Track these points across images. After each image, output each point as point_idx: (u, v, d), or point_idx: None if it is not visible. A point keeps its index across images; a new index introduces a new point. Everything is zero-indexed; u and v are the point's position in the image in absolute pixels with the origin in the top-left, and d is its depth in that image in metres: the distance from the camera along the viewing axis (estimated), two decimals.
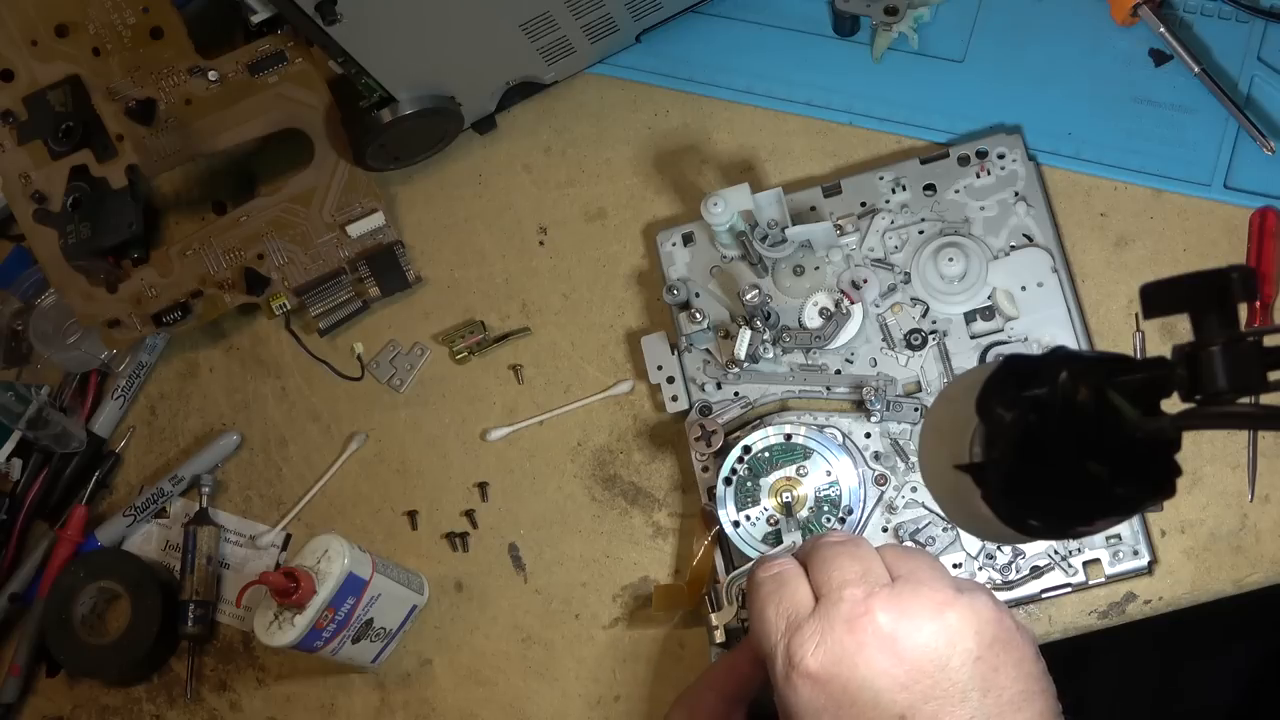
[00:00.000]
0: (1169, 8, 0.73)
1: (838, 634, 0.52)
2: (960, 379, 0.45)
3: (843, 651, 0.51)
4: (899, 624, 0.51)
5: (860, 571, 0.54)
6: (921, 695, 0.50)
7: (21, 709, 0.79)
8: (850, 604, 0.52)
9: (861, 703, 0.51)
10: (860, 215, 0.73)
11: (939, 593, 0.53)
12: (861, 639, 0.51)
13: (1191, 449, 0.67)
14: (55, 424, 0.78)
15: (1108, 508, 0.40)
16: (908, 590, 0.53)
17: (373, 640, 0.72)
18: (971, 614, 0.52)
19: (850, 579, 0.54)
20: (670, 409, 0.73)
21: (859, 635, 0.51)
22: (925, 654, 0.51)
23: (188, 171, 0.84)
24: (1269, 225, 0.68)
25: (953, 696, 0.50)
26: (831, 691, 0.51)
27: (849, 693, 0.51)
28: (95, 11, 0.76)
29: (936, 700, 0.50)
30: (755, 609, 0.56)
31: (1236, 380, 0.37)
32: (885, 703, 0.50)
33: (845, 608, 0.52)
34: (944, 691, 0.50)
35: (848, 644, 0.51)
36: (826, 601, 0.53)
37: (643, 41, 0.79)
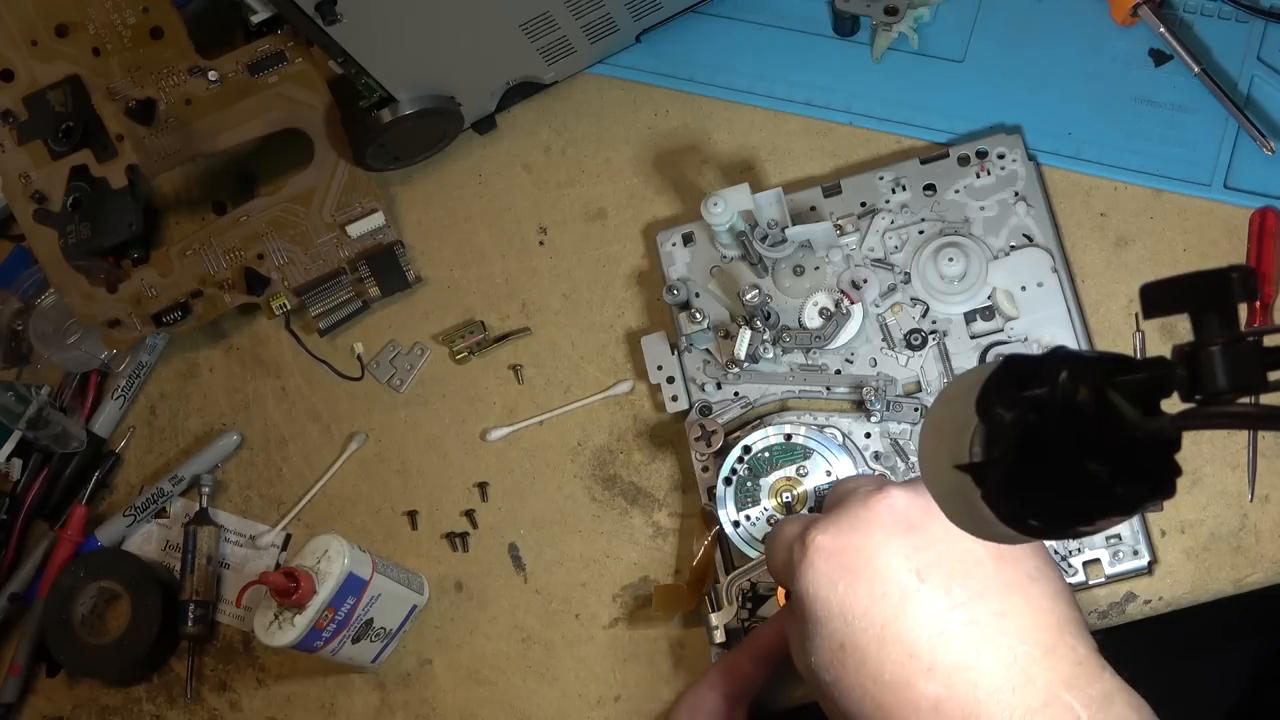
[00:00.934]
0: (1169, 8, 0.73)
1: (853, 510, 0.53)
2: (960, 379, 0.45)
3: (856, 521, 0.53)
4: (912, 501, 0.53)
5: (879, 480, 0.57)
6: (934, 558, 0.51)
7: (21, 709, 0.79)
8: (864, 492, 0.54)
9: (878, 563, 0.51)
10: (860, 215, 0.73)
11: None
12: (876, 511, 0.53)
13: (1191, 449, 0.67)
14: (55, 424, 0.78)
15: (1108, 508, 0.40)
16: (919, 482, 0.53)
17: (373, 640, 0.72)
18: None
19: (863, 482, 0.57)
20: (670, 409, 0.73)
21: (873, 509, 0.53)
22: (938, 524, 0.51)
23: (188, 171, 0.84)
24: (1269, 225, 0.68)
25: (966, 562, 0.51)
26: (846, 558, 0.52)
27: (863, 555, 0.52)
28: (95, 11, 0.76)
29: (951, 560, 0.51)
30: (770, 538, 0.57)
31: (1236, 380, 0.36)
32: (899, 563, 0.51)
33: (860, 494, 0.54)
34: (957, 556, 0.51)
35: (862, 515, 0.53)
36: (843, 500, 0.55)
37: (643, 41, 0.79)
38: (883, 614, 0.51)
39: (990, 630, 0.50)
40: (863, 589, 0.51)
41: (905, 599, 0.51)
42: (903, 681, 0.50)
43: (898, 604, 0.51)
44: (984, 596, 0.50)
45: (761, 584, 0.68)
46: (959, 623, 0.50)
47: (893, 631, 0.50)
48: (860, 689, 0.51)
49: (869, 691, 0.51)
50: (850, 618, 0.51)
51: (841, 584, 0.52)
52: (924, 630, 0.50)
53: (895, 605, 0.51)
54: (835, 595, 0.52)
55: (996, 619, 0.50)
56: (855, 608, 0.51)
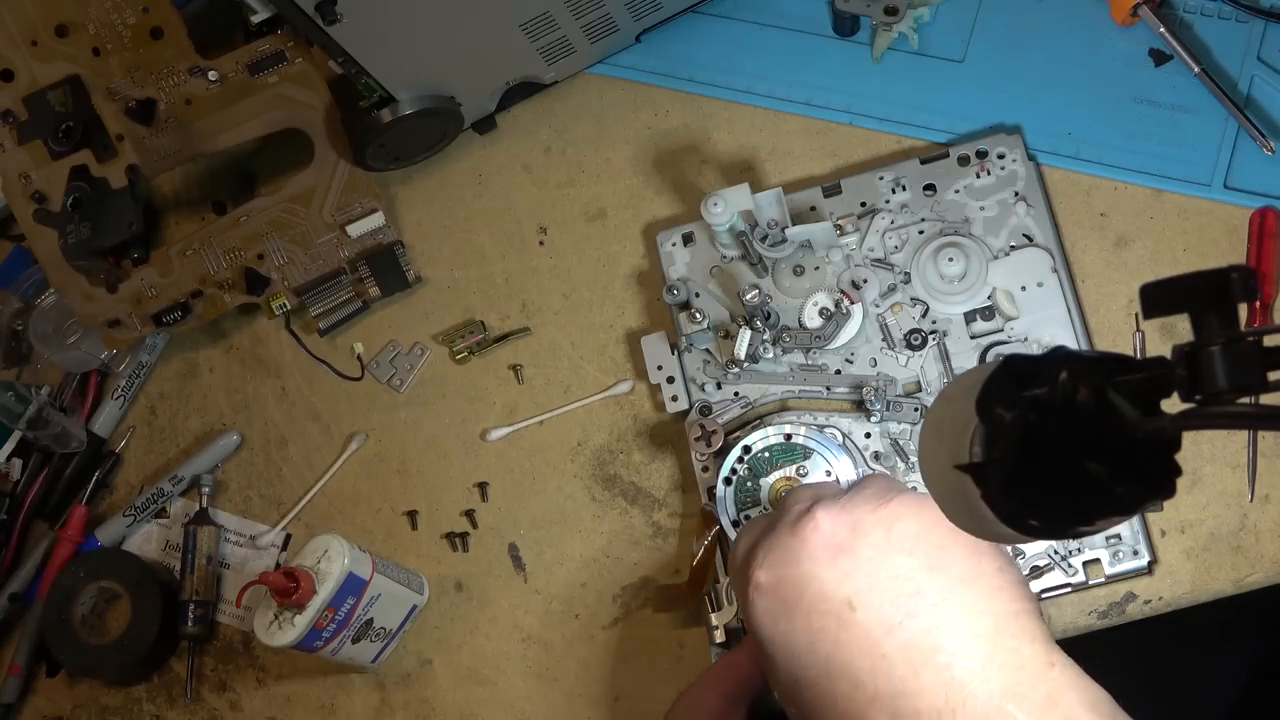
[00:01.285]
0: (1169, 8, 0.73)
1: (782, 540, 0.53)
2: (960, 379, 0.45)
3: (787, 553, 0.52)
4: (838, 519, 0.52)
5: (811, 492, 0.56)
6: (866, 580, 0.51)
7: (21, 709, 0.79)
8: (794, 513, 0.54)
9: (810, 595, 0.51)
10: (860, 215, 0.73)
11: (883, 490, 0.54)
12: (804, 537, 0.52)
13: (1191, 449, 0.67)
14: (55, 424, 0.78)
15: (1108, 508, 0.40)
16: (851, 494, 0.54)
17: (373, 640, 0.72)
18: (914, 501, 0.52)
19: (801, 498, 0.56)
20: (670, 409, 0.73)
21: (801, 535, 0.52)
22: (866, 541, 0.51)
23: (188, 171, 0.84)
24: (1269, 225, 0.68)
25: (897, 576, 0.51)
26: (781, 594, 0.52)
27: (797, 588, 0.52)
28: (95, 11, 0.76)
29: (881, 581, 0.51)
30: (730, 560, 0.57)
31: (1236, 380, 0.37)
32: (831, 592, 0.51)
33: (790, 517, 0.54)
34: (888, 573, 0.51)
35: (792, 545, 0.53)
36: (778, 521, 0.55)
37: (643, 41, 0.79)
38: (824, 647, 0.51)
39: (926, 649, 0.50)
40: (800, 624, 0.51)
41: (841, 629, 0.51)
42: (852, 712, 0.50)
43: (835, 635, 0.51)
44: (916, 614, 0.50)
45: None
46: (895, 646, 0.50)
47: (836, 664, 0.50)
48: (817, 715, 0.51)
49: None
50: (796, 654, 0.52)
51: (782, 621, 0.52)
52: (864, 659, 0.50)
53: (833, 637, 0.51)
54: (779, 633, 0.52)
55: (930, 635, 0.50)
56: (799, 644, 0.52)
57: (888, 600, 0.50)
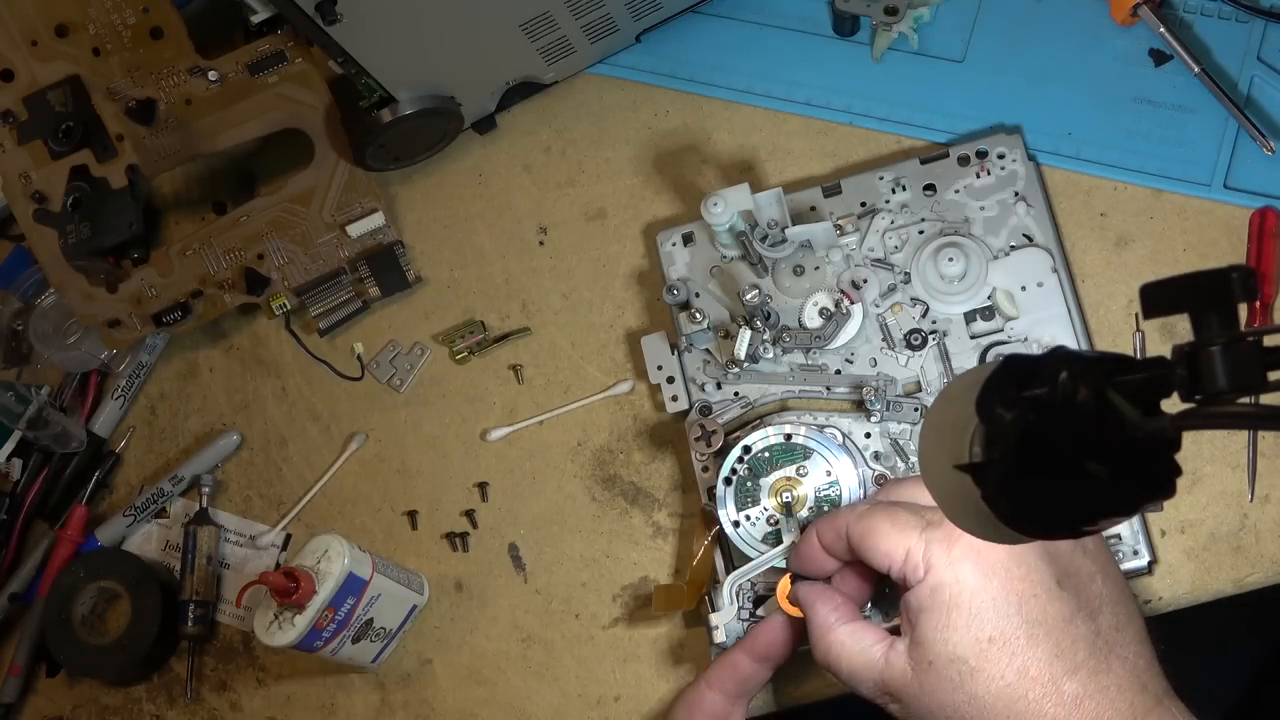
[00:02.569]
0: (1169, 8, 0.73)
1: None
2: (960, 379, 0.45)
3: None
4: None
5: None
6: (1064, 568, 0.56)
7: (21, 709, 0.79)
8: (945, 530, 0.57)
9: (1023, 566, 0.55)
10: (860, 215, 0.73)
11: None
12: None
13: (1191, 449, 0.67)
14: (55, 424, 0.78)
15: (1108, 508, 0.40)
16: None
17: (373, 640, 0.72)
18: None
19: None
20: (670, 409, 0.73)
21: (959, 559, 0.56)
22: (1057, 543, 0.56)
23: (188, 171, 0.84)
24: (1269, 225, 0.68)
25: (1088, 571, 0.56)
26: (991, 558, 0.55)
27: (1007, 557, 0.55)
28: (95, 11, 0.76)
29: (1078, 573, 0.56)
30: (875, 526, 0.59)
31: (1236, 380, 0.36)
32: (1043, 568, 0.55)
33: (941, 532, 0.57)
34: (1080, 566, 0.56)
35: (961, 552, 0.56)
36: None
37: (643, 41, 0.79)
38: (1031, 612, 0.54)
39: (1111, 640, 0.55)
40: (1014, 587, 0.55)
41: (1050, 600, 0.54)
42: (1047, 678, 0.53)
43: (1045, 604, 0.54)
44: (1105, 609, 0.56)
45: (761, 584, 0.68)
46: (1094, 630, 0.55)
47: (1041, 631, 0.54)
48: (1002, 680, 0.54)
49: (1011, 684, 0.54)
50: (1005, 611, 0.54)
51: (995, 580, 0.55)
52: (1066, 632, 0.54)
53: (1043, 605, 0.54)
54: (989, 589, 0.55)
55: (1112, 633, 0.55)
56: (1009, 603, 0.54)
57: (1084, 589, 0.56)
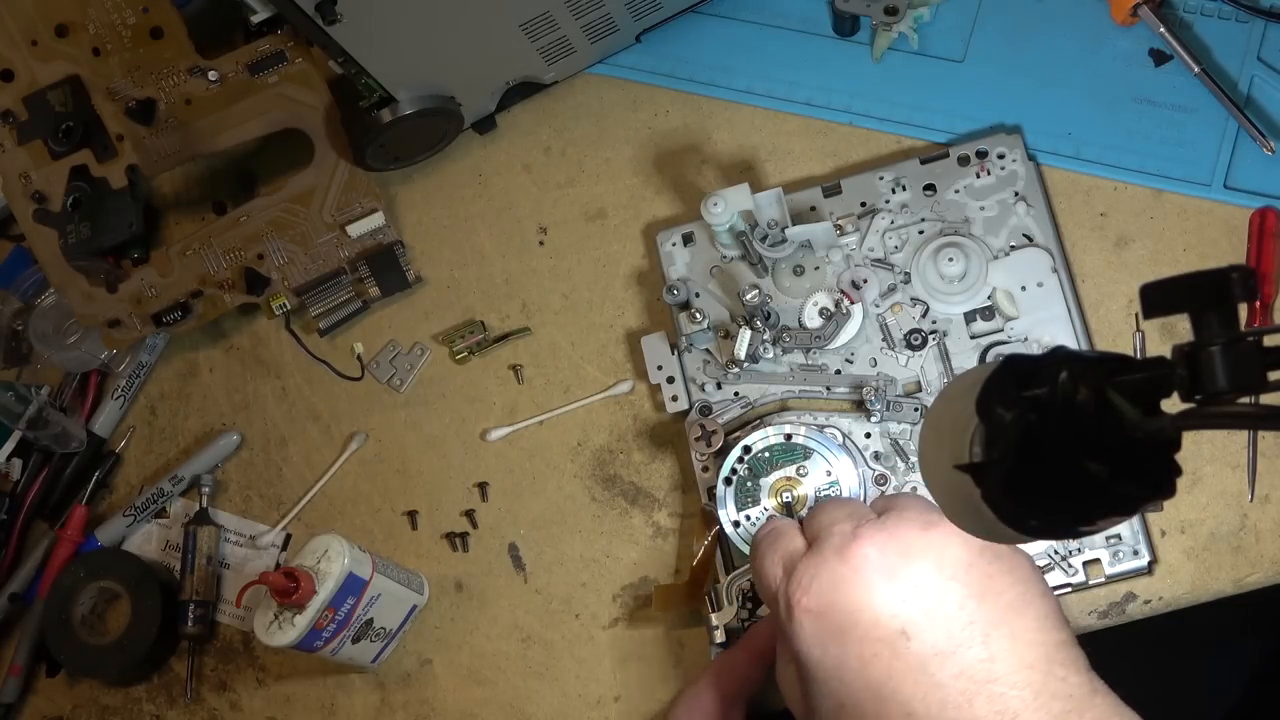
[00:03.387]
0: (1169, 8, 0.73)
1: (830, 565, 0.53)
2: (960, 379, 0.45)
3: (837, 579, 0.52)
4: (888, 545, 0.52)
5: (848, 513, 0.56)
6: (920, 608, 0.51)
7: (21, 709, 0.79)
8: (840, 537, 0.54)
9: (863, 624, 0.51)
10: (860, 215, 0.73)
11: (924, 514, 0.54)
12: (854, 564, 0.52)
13: (1191, 449, 0.67)
14: (55, 424, 0.78)
15: (1108, 508, 0.40)
16: (892, 517, 0.54)
17: (373, 640, 0.72)
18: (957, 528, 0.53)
19: (838, 519, 0.56)
20: (670, 409, 0.73)
21: (851, 562, 0.52)
22: (917, 568, 0.52)
23: (188, 171, 0.84)
24: (1269, 225, 0.68)
25: (949, 606, 0.51)
26: (832, 620, 0.52)
27: (849, 616, 0.52)
28: (95, 11, 0.76)
29: (934, 610, 0.51)
30: (755, 563, 0.57)
31: (1236, 380, 0.37)
32: (885, 620, 0.51)
33: (835, 540, 0.54)
34: (939, 600, 0.51)
35: (842, 572, 0.52)
36: (818, 541, 0.55)
37: (643, 41, 0.79)
38: (876, 674, 0.51)
39: (979, 678, 0.50)
40: (853, 650, 0.52)
41: (895, 657, 0.51)
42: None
43: (888, 663, 0.51)
44: (969, 644, 0.51)
45: None
46: (949, 675, 0.50)
47: (888, 690, 0.51)
48: None
49: None
50: (846, 679, 0.52)
51: (832, 647, 0.52)
52: (917, 687, 0.50)
53: (886, 664, 0.51)
54: (828, 657, 0.52)
55: (984, 666, 0.50)
56: (849, 669, 0.52)
57: (941, 629, 0.51)
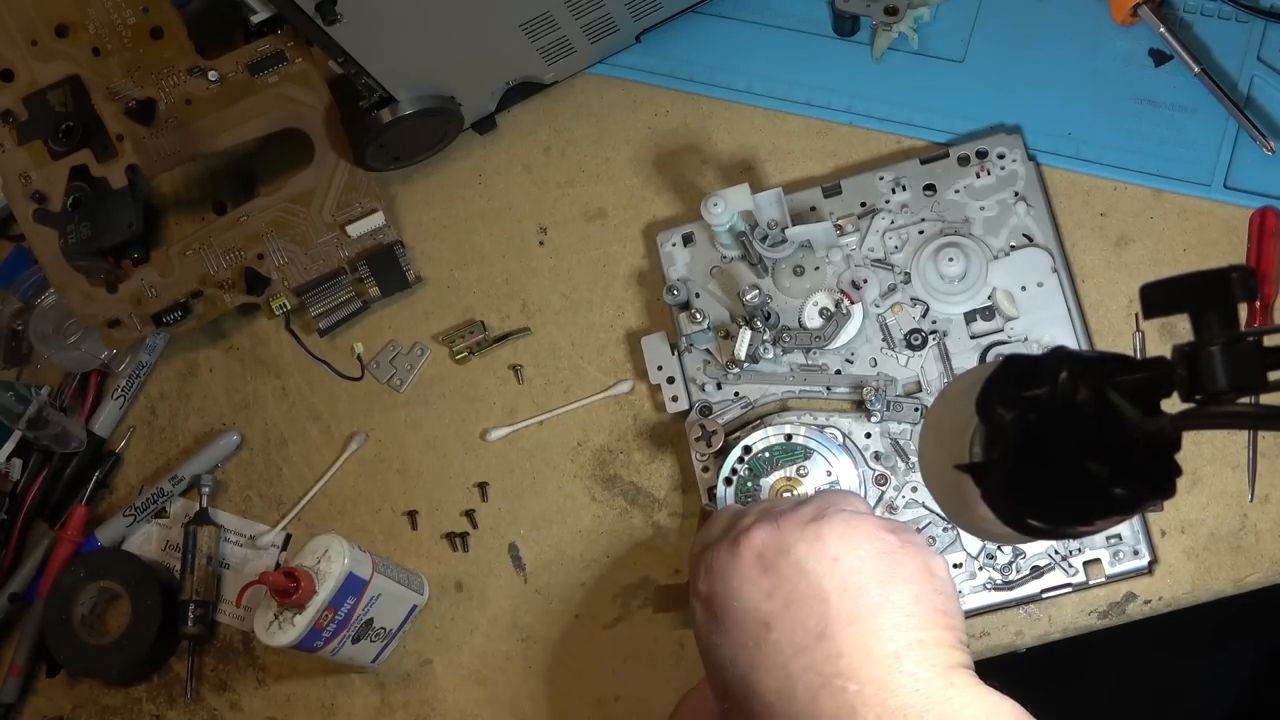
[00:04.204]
0: (1169, 8, 0.73)
1: (721, 557, 0.54)
2: (960, 379, 0.45)
3: (722, 570, 0.54)
4: (769, 540, 0.53)
5: (764, 508, 0.56)
6: (783, 601, 0.52)
7: (21, 709, 0.79)
8: (737, 531, 0.55)
9: (735, 614, 0.53)
10: (860, 215, 0.73)
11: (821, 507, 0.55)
12: (737, 556, 0.53)
13: (1191, 449, 0.67)
14: (55, 424, 0.78)
15: (1108, 508, 0.40)
16: (789, 513, 0.55)
17: (373, 640, 0.72)
18: (842, 524, 0.53)
19: (750, 512, 0.56)
20: (670, 409, 0.73)
21: (737, 554, 0.54)
22: (788, 562, 0.52)
23: (188, 171, 0.84)
24: (1269, 225, 0.68)
25: (810, 598, 0.51)
26: (714, 608, 0.53)
27: (725, 606, 0.53)
28: (95, 11, 0.76)
29: (796, 604, 0.52)
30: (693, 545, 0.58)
31: (1236, 380, 0.37)
32: (751, 611, 0.52)
33: (734, 532, 0.55)
34: (802, 594, 0.52)
35: (726, 563, 0.54)
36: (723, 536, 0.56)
37: (643, 41, 0.79)
38: (743, 664, 0.52)
39: (827, 673, 0.50)
40: (728, 639, 0.53)
41: (758, 648, 0.52)
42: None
43: (752, 654, 0.52)
44: (823, 637, 0.51)
45: None
46: (800, 668, 0.51)
47: (752, 681, 0.52)
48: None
49: None
50: (724, 663, 0.53)
51: (715, 634, 0.53)
52: (773, 679, 0.51)
53: (750, 655, 0.52)
54: (711, 644, 0.54)
55: (832, 660, 0.50)
56: (724, 657, 0.53)
57: (799, 621, 0.51)
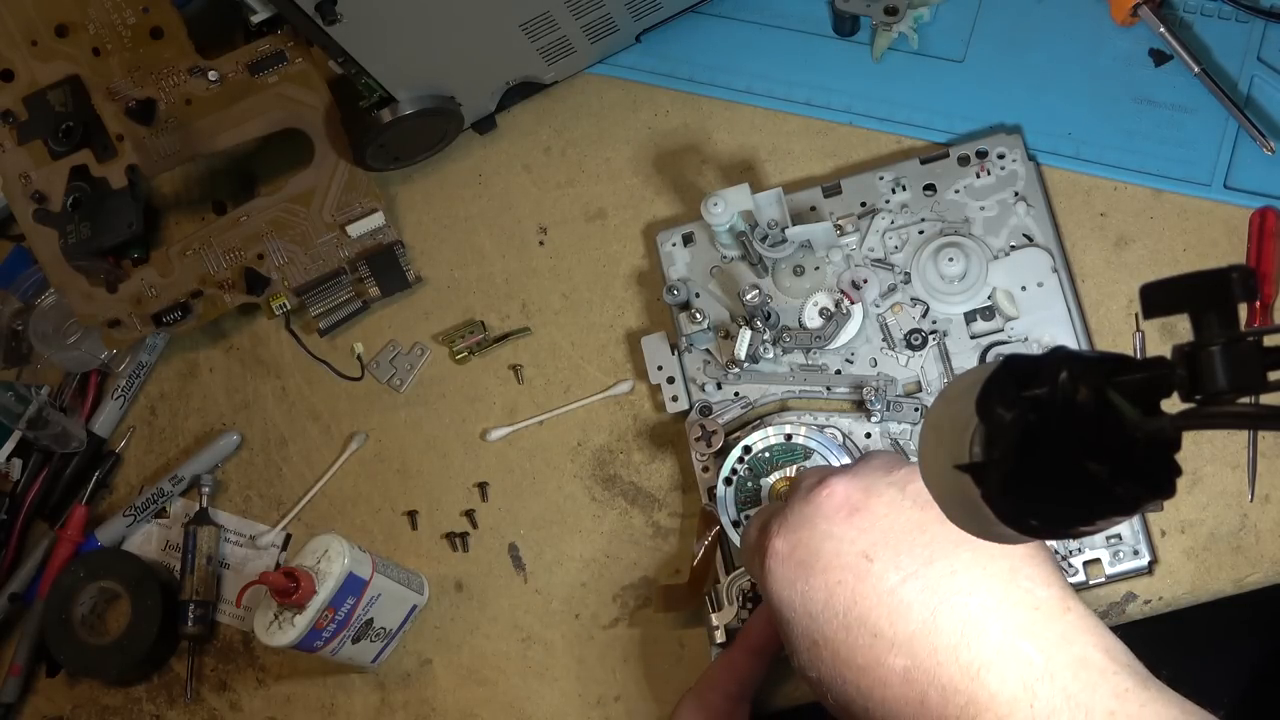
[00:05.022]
0: (1169, 8, 0.73)
1: (797, 509, 0.54)
2: (960, 379, 0.45)
3: (802, 519, 0.54)
4: (851, 484, 0.54)
5: (820, 471, 0.57)
6: (880, 536, 0.52)
7: (21, 709, 0.79)
8: (807, 486, 0.55)
9: (826, 554, 0.52)
10: (860, 215, 0.73)
11: (891, 460, 0.56)
12: (817, 503, 0.54)
13: (1191, 449, 0.67)
14: (55, 424, 0.78)
15: (1108, 508, 0.40)
16: (860, 464, 0.55)
17: (373, 640, 0.72)
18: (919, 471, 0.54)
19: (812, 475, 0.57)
20: (670, 409, 0.73)
21: (815, 501, 0.54)
22: (879, 501, 0.53)
23: (188, 171, 0.84)
24: (1269, 225, 0.68)
25: (911, 530, 0.52)
26: (798, 556, 0.53)
27: (811, 549, 0.53)
28: (95, 11, 0.76)
29: (896, 533, 0.52)
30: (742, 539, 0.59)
31: (1236, 380, 0.36)
32: (846, 548, 0.52)
33: (803, 489, 0.55)
34: (902, 528, 0.52)
35: (806, 512, 0.54)
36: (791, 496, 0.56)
37: (643, 41, 0.79)
38: (842, 601, 0.51)
39: (944, 591, 0.50)
40: (818, 581, 0.52)
41: (859, 580, 0.51)
42: (873, 662, 0.50)
43: (853, 588, 0.51)
44: (933, 561, 0.51)
45: None
46: (914, 591, 0.51)
47: (855, 616, 0.51)
48: (841, 679, 0.52)
49: (848, 680, 0.51)
50: (814, 612, 0.52)
51: (799, 583, 0.53)
52: (882, 608, 0.51)
53: (851, 590, 0.51)
54: (796, 595, 0.53)
55: (947, 579, 0.51)
56: (816, 602, 0.52)
57: (903, 549, 0.51)
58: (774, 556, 0.54)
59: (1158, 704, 0.48)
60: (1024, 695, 0.47)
